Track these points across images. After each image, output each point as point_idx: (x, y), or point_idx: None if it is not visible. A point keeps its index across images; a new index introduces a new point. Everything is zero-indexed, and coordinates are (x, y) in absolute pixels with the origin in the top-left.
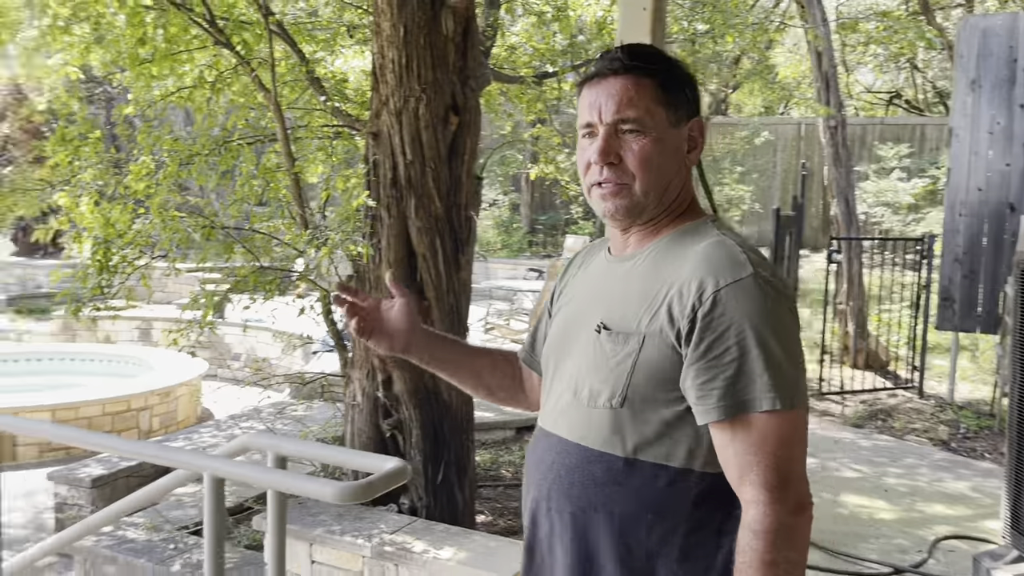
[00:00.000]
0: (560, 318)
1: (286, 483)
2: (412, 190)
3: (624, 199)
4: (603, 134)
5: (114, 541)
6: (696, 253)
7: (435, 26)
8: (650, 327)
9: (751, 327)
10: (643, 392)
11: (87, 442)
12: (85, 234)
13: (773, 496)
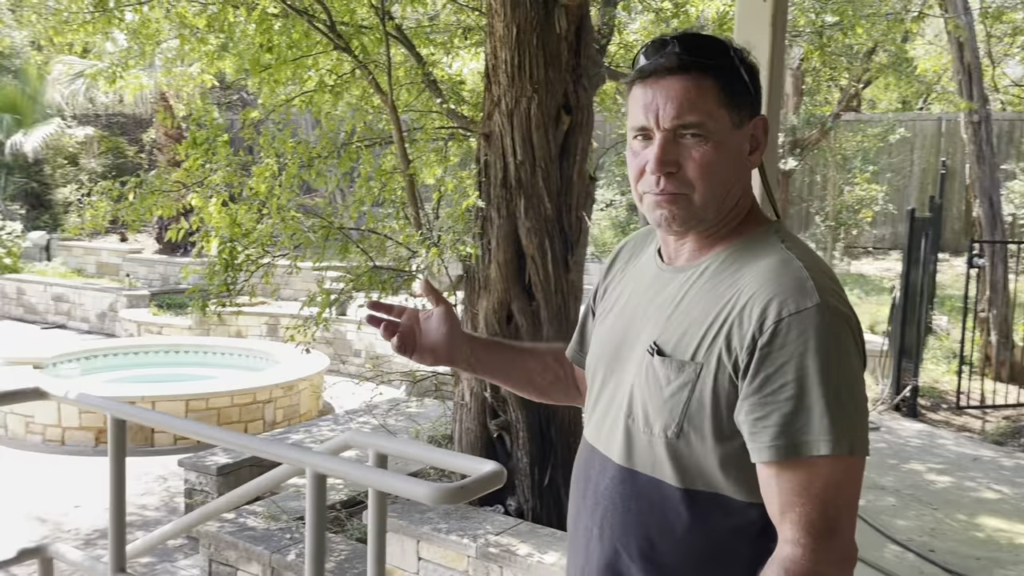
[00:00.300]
0: (609, 325)
1: (383, 482)
2: (522, 190)
3: (682, 209)
4: (660, 141)
5: (236, 528)
6: (759, 273)
7: (548, 25)
8: (707, 356)
9: (813, 363)
10: (699, 424)
11: (202, 434)
12: (213, 233)
13: (815, 541)
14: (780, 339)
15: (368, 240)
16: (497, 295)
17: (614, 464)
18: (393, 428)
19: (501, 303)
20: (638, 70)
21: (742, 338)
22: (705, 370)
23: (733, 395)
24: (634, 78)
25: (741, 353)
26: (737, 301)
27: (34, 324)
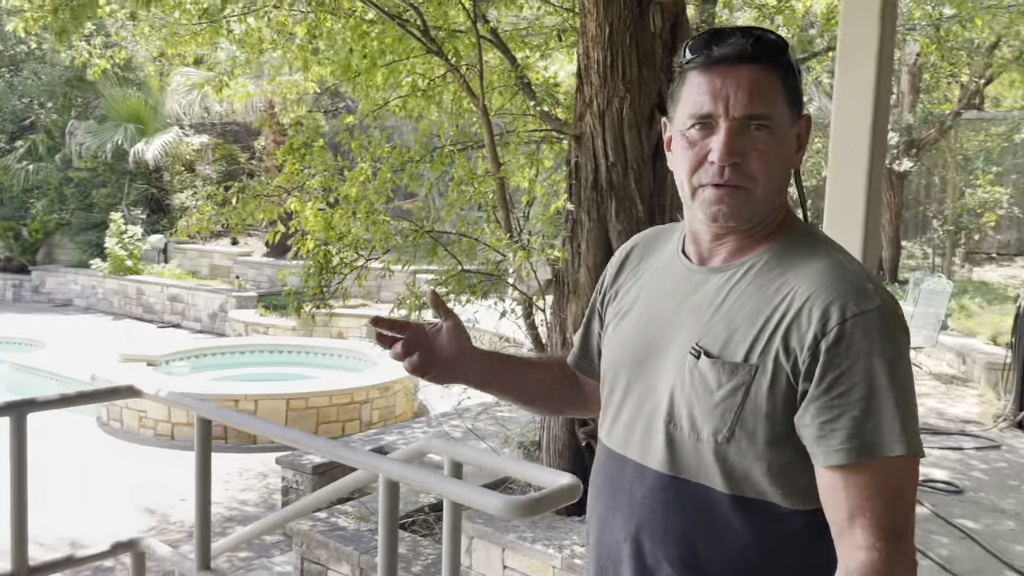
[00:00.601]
0: (630, 329)
1: (454, 491)
2: (613, 193)
3: (741, 203)
4: (728, 129)
5: (327, 527)
6: (813, 275)
7: (642, 24)
8: (763, 358)
9: (880, 364)
10: (752, 428)
11: (277, 435)
12: (308, 237)
13: (890, 544)
14: (846, 341)
15: (459, 244)
16: (586, 300)
17: (653, 472)
18: (482, 432)
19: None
20: (704, 56)
21: (802, 339)
22: (760, 372)
23: (791, 398)
24: (697, 64)
25: (802, 354)
26: (792, 302)
27: (151, 323)
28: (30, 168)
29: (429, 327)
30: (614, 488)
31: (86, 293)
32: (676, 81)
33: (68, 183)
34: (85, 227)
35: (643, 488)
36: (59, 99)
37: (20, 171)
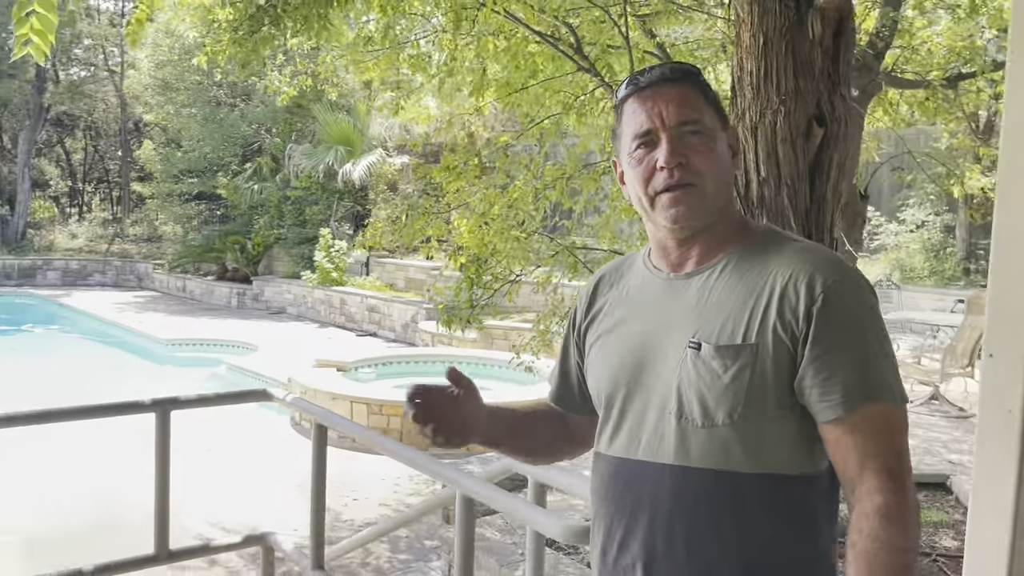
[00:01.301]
0: (618, 344)
1: (520, 511)
2: (764, 210)
3: (695, 198)
4: (668, 137)
5: (475, 537)
6: (790, 258)
7: (799, 31)
8: (761, 336)
9: (867, 322)
10: (762, 402)
11: (375, 442)
12: (462, 252)
13: (899, 483)
14: (833, 303)
15: (610, 260)
16: None
17: (670, 466)
18: None
19: None
20: (633, 86)
21: (795, 310)
22: (762, 349)
23: (792, 367)
24: (629, 93)
25: (798, 324)
26: (776, 282)
27: (352, 331)
28: (255, 188)
29: (450, 392)
30: (626, 492)
31: (297, 302)
32: (616, 120)
33: (286, 201)
34: (299, 241)
35: (660, 484)
36: (281, 125)
37: (247, 190)
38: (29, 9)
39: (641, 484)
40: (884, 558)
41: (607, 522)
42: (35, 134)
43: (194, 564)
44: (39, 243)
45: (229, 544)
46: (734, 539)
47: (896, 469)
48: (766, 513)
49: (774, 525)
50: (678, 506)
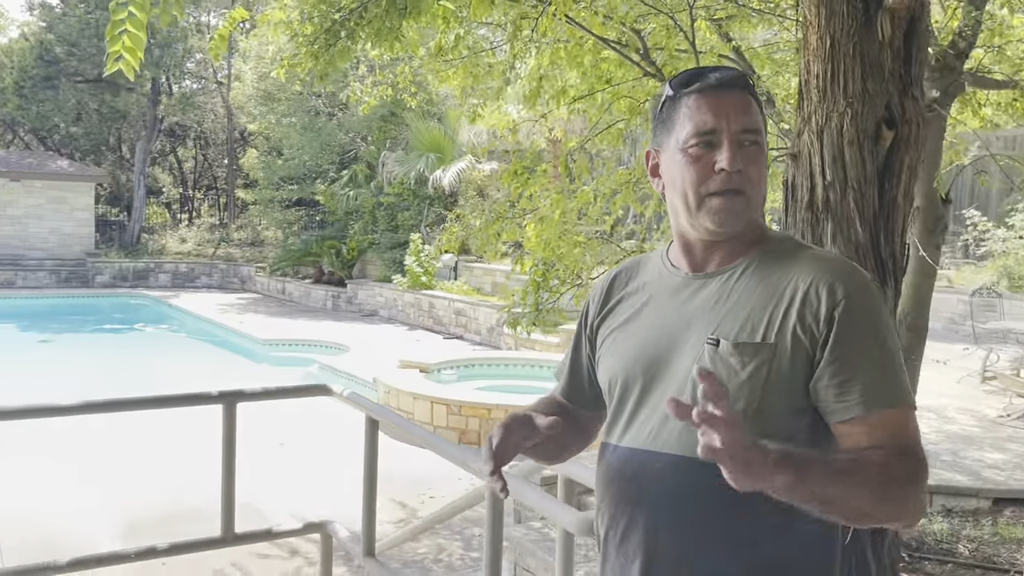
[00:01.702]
0: (634, 338)
1: (544, 507)
2: (829, 214)
3: (741, 206)
4: (731, 142)
5: (539, 537)
6: (809, 265)
7: (867, 32)
8: (780, 336)
9: (882, 328)
10: (777, 400)
11: (416, 436)
12: (528, 256)
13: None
14: (854, 309)
15: None
16: None
17: (683, 458)
18: None
19: None
20: (700, 83)
21: (816, 314)
22: (780, 348)
23: (807, 368)
24: (695, 90)
25: (818, 327)
26: (798, 287)
27: (439, 334)
28: (351, 194)
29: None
30: (633, 481)
31: (388, 305)
32: (663, 110)
33: (379, 207)
34: (391, 246)
35: (667, 473)
36: (376, 133)
37: (343, 197)
38: (121, 28)
39: (648, 473)
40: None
41: (612, 510)
42: (150, 144)
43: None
44: (152, 247)
45: (290, 530)
46: (739, 530)
47: (921, 455)
48: (771, 505)
49: (779, 517)
50: (684, 495)
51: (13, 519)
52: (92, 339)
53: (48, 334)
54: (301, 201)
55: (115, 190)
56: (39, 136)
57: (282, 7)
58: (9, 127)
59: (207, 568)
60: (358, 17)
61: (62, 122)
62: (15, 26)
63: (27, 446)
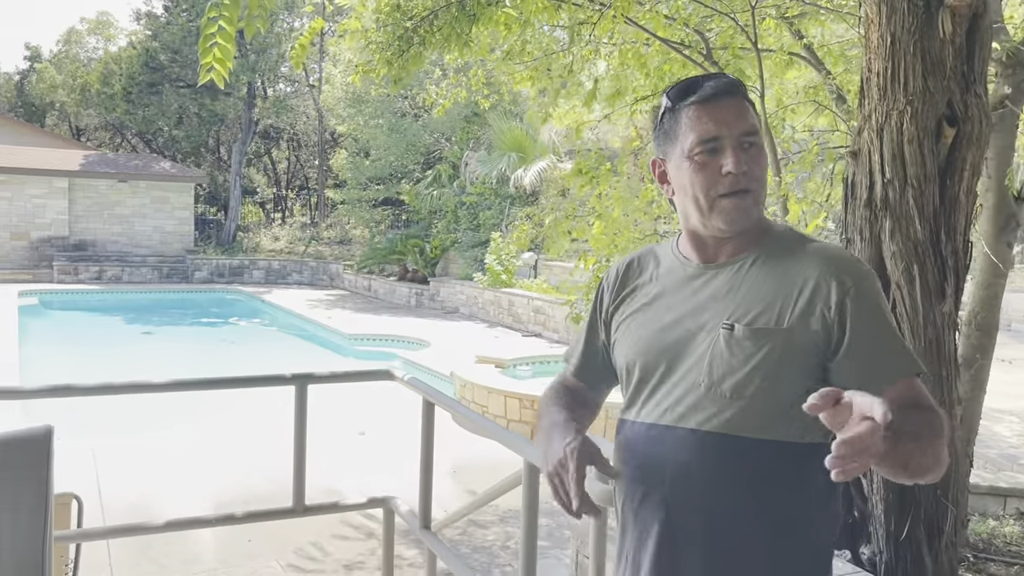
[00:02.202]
0: (649, 325)
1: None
2: (888, 211)
3: (750, 202)
4: (734, 146)
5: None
6: (816, 256)
7: (929, 31)
8: (792, 322)
9: (887, 310)
10: (790, 380)
11: (462, 414)
12: (591, 254)
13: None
14: (864, 295)
15: None
16: None
17: (698, 432)
18: None
19: None
20: (699, 95)
21: (827, 301)
22: (792, 332)
23: (819, 351)
24: (693, 101)
25: (831, 313)
26: (808, 278)
27: (517, 331)
28: (435, 193)
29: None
30: (650, 452)
31: (469, 302)
32: (664, 120)
33: (461, 206)
34: (472, 245)
35: (683, 445)
36: (459, 133)
37: (427, 196)
38: (212, 41)
39: (666, 445)
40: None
41: (630, 481)
42: (245, 146)
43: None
44: (247, 245)
45: (356, 504)
46: (755, 494)
47: (940, 411)
48: (785, 470)
49: (793, 479)
50: (700, 465)
51: (116, 487)
52: (190, 332)
53: (150, 326)
54: (387, 200)
55: (213, 190)
56: (144, 139)
57: (357, 17)
58: (118, 131)
59: (289, 545)
60: (428, 24)
61: (165, 125)
62: (124, 35)
63: (127, 424)
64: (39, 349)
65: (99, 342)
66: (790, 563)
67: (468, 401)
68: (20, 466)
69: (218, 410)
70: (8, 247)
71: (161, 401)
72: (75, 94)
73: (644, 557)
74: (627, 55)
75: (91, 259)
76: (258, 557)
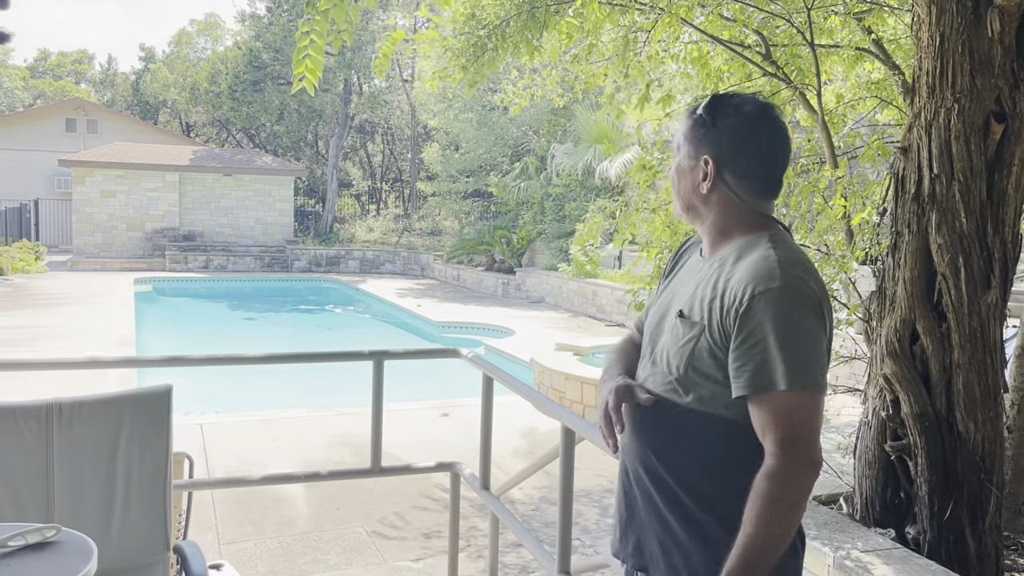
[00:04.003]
0: (657, 303)
1: (549, 408)
2: (935, 205)
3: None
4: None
5: None
6: (745, 264)
7: (977, 30)
8: (706, 319)
9: (774, 326)
10: (704, 366)
11: (519, 391)
12: (654, 245)
13: (785, 452)
14: (753, 310)
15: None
16: (901, 314)
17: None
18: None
19: (904, 322)
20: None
21: (727, 308)
22: (708, 328)
23: (723, 347)
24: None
25: (727, 319)
26: (728, 283)
27: (601, 321)
28: (521, 185)
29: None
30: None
31: (554, 292)
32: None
33: (548, 198)
34: (558, 236)
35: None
36: (546, 126)
37: (514, 188)
38: (304, 54)
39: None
40: (761, 504)
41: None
42: (342, 140)
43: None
44: (343, 235)
45: (426, 467)
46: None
47: (786, 441)
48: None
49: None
50: (650, 420)
51: (223, 449)
52: (289, 318)
53: (252, 312)
54: (476, 192)
55: (311, 183)
56: (248, 134)
57: (434, 28)
58: (224, 127)
59: (375, 514)
60: (501, 32)
61: (267, 121)
62: (230, 35)
63: (241, 395)
64: (153, 332)
65: (206, 327)
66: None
67: (546, 387)
68: (145, 418)
69: (320, 389)
70: (125, 238)
71: (260, 377)
72: (185, 92)
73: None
74: (692, 54)
75: (199, 249)
76: (345, 523)
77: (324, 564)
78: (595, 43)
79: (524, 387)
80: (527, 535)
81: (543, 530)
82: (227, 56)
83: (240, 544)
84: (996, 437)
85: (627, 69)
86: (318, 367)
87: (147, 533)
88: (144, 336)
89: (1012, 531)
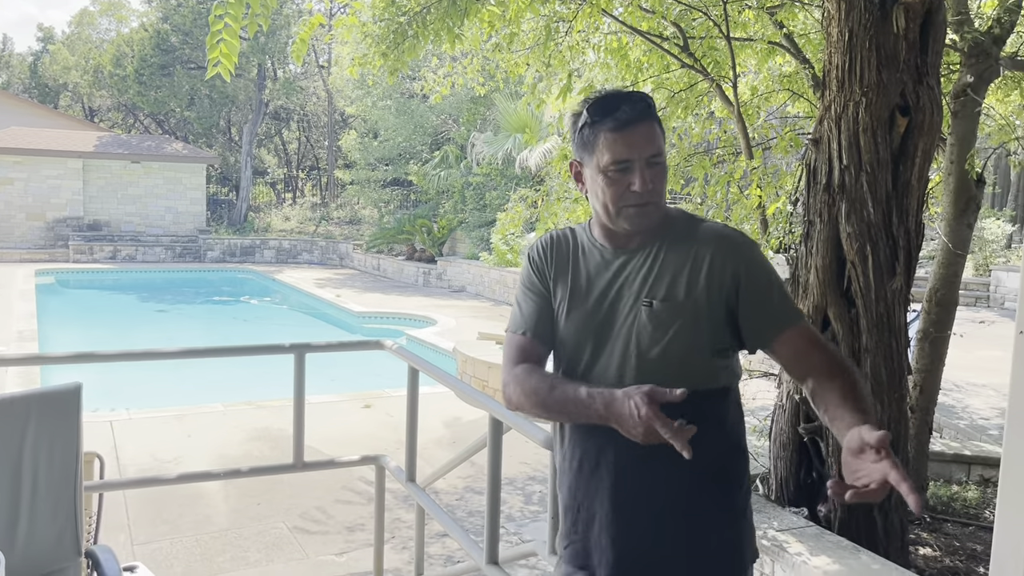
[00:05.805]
0: (581, 308)
1: (518, 425)
2: (844, 195)
3: (654, 212)
4: (641, 168)
5: None
6: (707, 233)
7: (883, 26)
8: (698, 291)
9: (767, 269)
10: (702, 341)
11: (447, 383)
12: None
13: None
14: (753, 261)
15: None
16: (813, 300)
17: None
18: None
19: (817, 308)
20: (613, 120)
21: (723, 268)
22: (700, 302)
23: (724, 313)
24: (609, 127)
25: (727, 279)
26: (705, 253)
27: None
28: (442, 174)
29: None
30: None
31: (475, 281)
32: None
33: (468, 187)
34: (479, 224)
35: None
36: (465, 114)
37: (434, 176)
38: (219, 38)
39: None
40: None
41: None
42: (256, 127)
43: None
44: (258, 224)
45: (350, 461)
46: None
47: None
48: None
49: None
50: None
51: (135, 446)
52: (203, 310)
53: (164, 304)
54: (396, 181)
55: (224, 171)
56: (156, 120)
57: (354, 13)
58: (130, 112)
59: (295, 509)
60: (421, 19)
61: (177, 107)
62: (135, 16)
63: (154, 390)
64: (56, 327)
65: (114, 320)
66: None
67: (469, 376)
68: (53, 418)
69: (230, 378)
70: (25, 227)
71: (173, 372)
72: (88, 75)
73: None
74: (611, 46)
75: (105, 239)
76: (266, 519)
77: (244, 561)
78: (516, 32)
79: (451, 378)
80: (455, 526)
81: (468, 519)
82: (133, 38)
83: (155, 544)
84: (901, 417)
85: (549, 59)
86: (235, 361)
87: (57, 539)
88: (47, 331)
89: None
